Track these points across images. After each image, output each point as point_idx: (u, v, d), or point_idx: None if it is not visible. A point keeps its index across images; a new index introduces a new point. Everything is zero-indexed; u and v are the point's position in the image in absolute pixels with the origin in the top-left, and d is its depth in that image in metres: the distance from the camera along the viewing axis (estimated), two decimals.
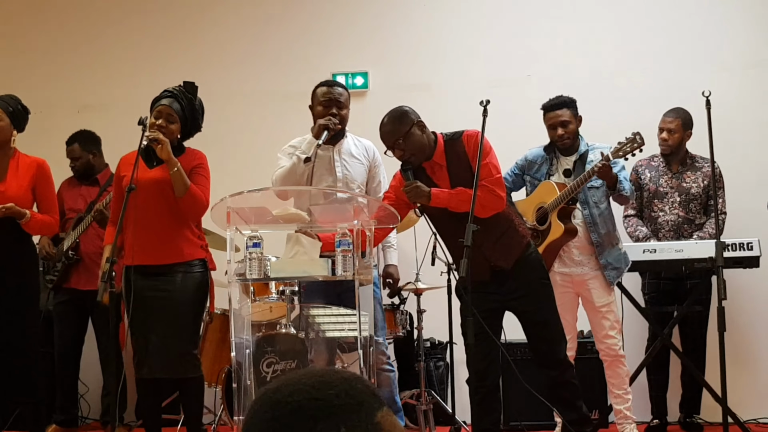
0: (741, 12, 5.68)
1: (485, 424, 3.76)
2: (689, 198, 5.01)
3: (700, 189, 5.01)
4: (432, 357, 5.36)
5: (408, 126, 3.76)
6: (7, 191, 4.44)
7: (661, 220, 5.04)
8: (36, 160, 4.61)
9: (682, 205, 5.01)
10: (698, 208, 5.03)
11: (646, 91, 5.55)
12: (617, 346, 4.49)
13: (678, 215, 5.01)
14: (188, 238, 4.10)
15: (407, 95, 5.75)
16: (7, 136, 4.54)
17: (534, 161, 4.64)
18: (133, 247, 4.01)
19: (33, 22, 6.23)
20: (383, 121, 3.83)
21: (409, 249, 4.78)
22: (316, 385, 1.26)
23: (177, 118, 4.09)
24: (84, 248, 5.15)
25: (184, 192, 4.00)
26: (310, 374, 1.30)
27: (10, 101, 4.56)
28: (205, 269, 4.11)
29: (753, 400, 5.19)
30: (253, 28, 6.07)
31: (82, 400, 5.48)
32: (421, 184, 3.76)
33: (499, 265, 3.78)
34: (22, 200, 4.45)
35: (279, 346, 4.03)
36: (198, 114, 4.20)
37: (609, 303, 4.49)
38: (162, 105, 4.08)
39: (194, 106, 4.18)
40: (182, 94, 4.13)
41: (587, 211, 4.49)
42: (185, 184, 4.00)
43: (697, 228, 5.00)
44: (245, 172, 5.61)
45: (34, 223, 4.45)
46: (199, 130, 4.25)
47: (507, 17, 5.86)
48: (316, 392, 1.25)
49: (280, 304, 4.79)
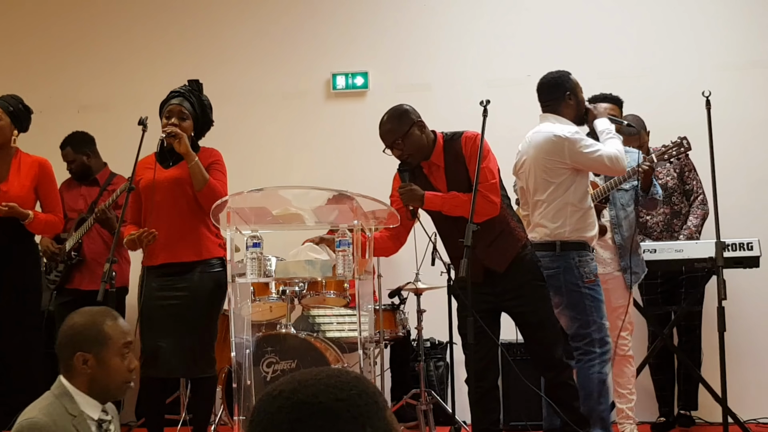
0: (741, 12, 5.68)
1: (484, 423, 3.76)
2: (669, 192, 5.05)
3: (675, 179, 5.06)
4: (432, 357, 5.36)
5: (407, 126, 3.75)
6: (9, 191, 4.43)
7: (651, 223, 5.06)
8: (38, 159, 4.61)
9: (665, 203, 5.03)
10: (680, 198, 5.07)
11: (646, 91, 5.54)
12: (627, 347, 4.52)
13: (665, 213, 5.04)
14: (207, 236, 4.10)
15: (407, 95, 5.74)
16: (8, 136, 4.53)
17: None
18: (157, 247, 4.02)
19: (33, 22, 6.23)
20: (383, 119, 3.82)
21: (409, 249, 4.78)
22: (337, 385, 1.26)
23: (189, 115, 4.10)
24: (87, 249, 5.14)
25: (204, 185, 4.00)
26: (326, 374, 1.29)
27: (11, 101, 4.56)
28: (223, 267, 4.08)
29: (753, 399, 5.19)
30: (253, 28, 6.07)
31: None
32: (415, 187, 3.75)
33: (493, 268, 3.78)
34: (25, 200, 4.44)
35: (279, 346, 4.03)
36: (207, 109, 4.22)
37: (626, 305, 4.52)
38: (172, 104, 4.08)
39: (203, 102, 4.19)
40: (189, 93, 4.14)
41: (613, 212, 4.52)
42: (204, 177, 4.00)
43: (684, 217, 5.04)
44: (245, 172, 5.62)
45: (37, 223, 4.45)
46: (210, 125, 4.26)
47: (507, 17, 5.86)
48: (339, 392, 1.25)
49: (280, 304, 4.80)
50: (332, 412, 1.23)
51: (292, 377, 1.30)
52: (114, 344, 2.53)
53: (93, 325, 2.53)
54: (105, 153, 5.42)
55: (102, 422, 2.54)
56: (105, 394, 2.56)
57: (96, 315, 2.59)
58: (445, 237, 3.95)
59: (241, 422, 3.78)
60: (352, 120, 5.86)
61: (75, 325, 2.56)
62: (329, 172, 5.67)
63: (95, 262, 5.12)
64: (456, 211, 3.70)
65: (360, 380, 1.30)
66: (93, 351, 2.51)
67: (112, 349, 2.53)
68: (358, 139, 5.73)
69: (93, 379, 2.52)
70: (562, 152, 3.95)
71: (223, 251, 4.12)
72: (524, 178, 4.15)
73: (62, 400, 2.48)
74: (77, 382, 2.51)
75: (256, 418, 1.27)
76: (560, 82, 4.11)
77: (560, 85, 4.11)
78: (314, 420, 1.22)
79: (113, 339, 2.54)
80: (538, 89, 4.17)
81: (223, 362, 4.71)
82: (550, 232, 4.00)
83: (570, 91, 4.11)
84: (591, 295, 3.98)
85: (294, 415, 1.23)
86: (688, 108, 4.98)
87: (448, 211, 3.75)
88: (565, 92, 4.10)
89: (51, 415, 2.42)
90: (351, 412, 1.23)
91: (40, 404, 2.47)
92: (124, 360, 2.56)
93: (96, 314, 2.60)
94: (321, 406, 1.23)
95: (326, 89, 5.96)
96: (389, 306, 4.99)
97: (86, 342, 2.51)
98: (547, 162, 3.99)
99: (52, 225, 4.58)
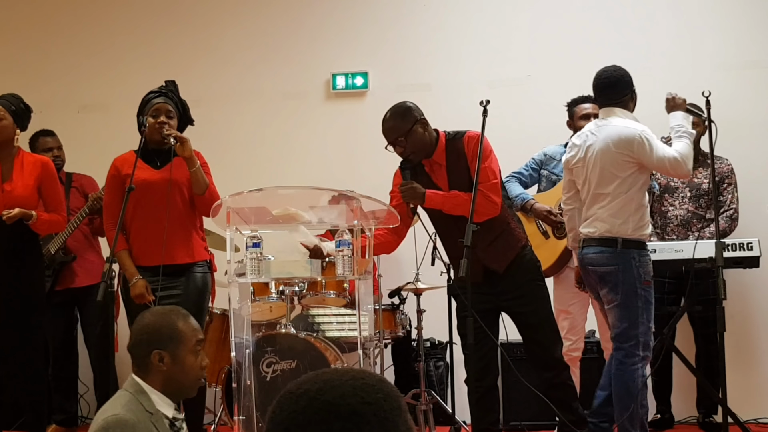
0: (741, 12, 5.68)
1: (484, 423, 3.76)
2: (699, 194, 5.04)
3: (710, 185, 5.03)
4: (432, 357, 5.36)
5: (410, 123, 3.75)
6: (14, 191, 4.43)
7: (671, 215, 5.07)
8: (40, 158, 4.61)
9: (692, 201, 5.03)
10: (708, 203, 5.05)
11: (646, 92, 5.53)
12: None
13: (687, 210, 5.04)
14: (194, 239, 4.13)
15: (407, 95, 5.73)
16: (11, 135, 4.53)
17: (553, 157, 4.65)
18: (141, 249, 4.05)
19: (33, 22, 6.23)
20: (386, 116, 3.82)
21: (409, 249, 4.78)
22: (364, 388, 1.24)
23: (175, 114, 4.13)
24: (72, 245, 5.13)
25: (205, 189, 4.03)
26: (351, 376, 1.27)
27: (12, 100, 4.55)
28: (208, 270, 4.15)
29: (753, 400, 5.19)
30: (252, 29, 6.06)
31: (81, 400, 5.49)
32: (416, 185, 3.75)
33: (492, 268, 3.78)
34: (29, 199, 4.44)
35: (279, 346, 4.03)
36: (187, 109, 4.26)
37: None
38: (158, 103, 4.09)
39: (183, 101, 4.24)
40: (170, 93, 4.17)
41: None
42: (206, 182, 4.04)
43: (707, 223, 5.03)
44: (245, 172, 5.62)
45: (41, 222, 4.45)
46: (191, 123, 4.29)
47: (507, 17, 5.85)
48: (366, 396, 1.23)
49: (280, 304, 4.80)
50: (359, 416, 1.21)
51: (316, 377, 1.27)
52: (188, 342, 2.55)
53: (167, 324, 2.55)
54: (104, 153, 5.39)
55: (175, 420, 2.55)
56: (179, 392, 2.58)
57: (169, 314, 2.61)
58: (445, 237, 3.96)
59: (241, 422, 3.78)
60: (352, 120, 5.85)
61: (149, 324, 2.57)
62: (329, 172, 5.66)
63: (81, 257, 5.14)
64: (457, 210, 3.70)
65: (384, 383, 1.28)
66: (168, 349, 2.52)
67: (186, 347, 2.55)
68: (358, 139, 5.74)
69: (168, 377, 2.53)
70: (632, 147, 3.92)
71: (208, 254, 4.22)
72: (582, 171, 4.07)
73: (139, 398, 2.49)
74: (152, 380, 2.52)
75: (277, 417, 1.24)
76: (627, 79, 4.11)
77: (628, 82, 4.11)
78: (341, 422, 1.20)
79: (187, 336, 2.56)
80: (602, 85, 4.12)
81: (223, 362, 4.72)
82: (611, 228, 3.94)
83: (633, 89, 4.12)
84: (645, 297, 3.93)
85: (320, 416, 1.21)
86: None
87: (448, 210, 3.74)
88: (632, 89, 4.11)
89: (134, 412, 2.42)
90: (378, 416, 1.22)
91: (120, 401, 2.47)
92: (197, 357, 2.58)
93: (168, 313, 2.62)
94: (348, 408, 1.21)
95: (326, 89, 5.96)
96: (389, 306, 4.99)
97: (162, 340, 2.53)
98: (618, 155, 3.94)
99: (56, 224, 4.58)
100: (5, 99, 4.54)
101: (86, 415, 5.57)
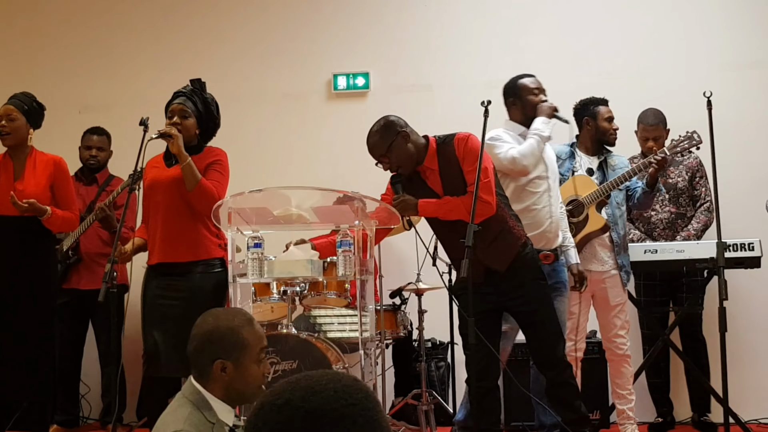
0: (741, 12, 5.68)
1: (485, 424, 3.76)
2: (677, 193, 5.06)
3: (686, 182, 5.06)
4: (433, 357, 5.37)
5: (390, 139, 3.74)
6: (26, 189, 4.44)
7: (655, 219, 5.07)
8: (53, 157, 4.61)
9: (672, 202, 5.05)
10: (687, 201, 5.08)
11: (646, 92, 5.54)
12: (625, 346, 4.52)
13: (670, 212, 5.05)
14: (206, 236, 4.10)
15: (408, 96, 5.78)
16: (24, 134, 4.53)
17: (559, 156, 4.66)
18: (155, 246, 4.06)
19: (33, 22, 6.24)
20: (368, 133, 3.83)
21: (410, 249, 4.78)
22: (345, 390, 1.24)
23: (192, 113, 4.12)
24: (84, 248, 5.15)
25: (194, 186, 4.01)
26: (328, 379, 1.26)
27: (24, 99, 4.55)
28: (223, 268, 4.09)
29: (754, 400, 5.19)
30: (254, 29, 6.07)
31: (83, 401, 5.49)
32: (408, 198, 3.74)
33: (494, 268, 3.78)
34: (41, 198, 4.44)
35: (280, 347, 4.03)
36: (212, 107, 4.23)
37: (623, 303, 4.54)
38: (174, 104, 4.12)
39: (207, 100, 4.21)
40: (192, 92, 4.16)
41: (609, 210, 4.54)
42: (196, 177, 4.01)
43: (688, 221, 5.05)
44: (246, 173, 5.62)
45: (54, 219, 4.45)
46: (217, 125, 4.28)
47: (507, 17, 5.86)
48: (349, 397, 1.24)
49: (282, 305, 4.80)
50: (348, 418, 1.21)
51: (294, 384, 1.26)
52: (252, 350, 2.43)
53: (232, 332, 2.42)
54: None
55: (236, 427, 2.45)
56: (240, 400, 2.48)
57: (234, 320, 2.47)
58: (444, 241, 3.95)
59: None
60: (353, 120, 5.85)
61: (212, 330, 2.44)
62: (330, 172, 5.66)
63: (93, 261, 5.13)
64: (452, 215, 3.70)
65: (359, 381, 1.29)
66: (232, 358, 2.40)
67: (250, 356, 2.43)
68: (359, 139, 5.65)
69: (229, 386, 2.41)
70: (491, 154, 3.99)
71: (223, 252, 4.12)
72: None
73: (200, 408, 2.38)
74: (213, 388, 2.41)
75: (261, 430, 1.22)
76: (505, 89, 4.25)
77: (505, 92, 4.25)
78: (331, 428, 1.20)
79: (251, 345, 2.43)
80: None
81: None
82: None
83: (513, 96, 4.20)
84: None
85: (308, 424, 1.20)
86: (689, 108, 4.97)
87: (444, 215, 3.74)
88: (508, 98, 4.23)
89: (196, 426, 2.33)
90: (363, 415, 1.22)
91: (181, 414, 2.36)
92: (260, 365, 2.47)
93: (233, 319, 2.47)
94: (336, 414, 1.21)
95: (327, 90, 5.96)
96: (390, 306, 4.99)
97: (226, 349, 2.40)
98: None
99: (69, 222, 4.59)
100: (17, 98, 4.54)
101: (87, 416, 5.57)
